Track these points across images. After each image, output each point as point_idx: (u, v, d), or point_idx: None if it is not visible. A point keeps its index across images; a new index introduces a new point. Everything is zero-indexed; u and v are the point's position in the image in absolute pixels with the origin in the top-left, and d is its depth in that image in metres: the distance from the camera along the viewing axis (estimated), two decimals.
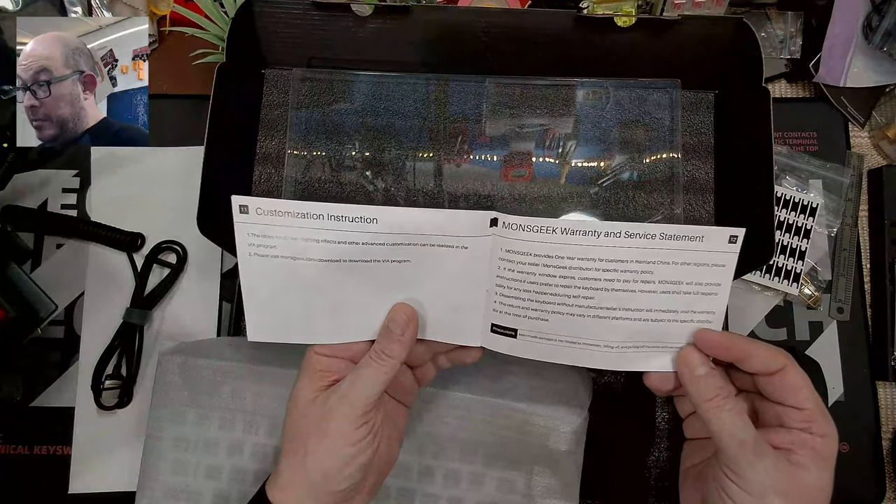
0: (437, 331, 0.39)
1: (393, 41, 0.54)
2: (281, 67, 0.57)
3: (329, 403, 0.36)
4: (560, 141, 0.55)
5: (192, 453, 0.47)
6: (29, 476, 0.53)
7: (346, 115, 0.55)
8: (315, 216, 0.36)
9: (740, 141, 0.52)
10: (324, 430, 0.35)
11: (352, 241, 0.36)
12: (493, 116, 0.55)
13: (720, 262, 0.36)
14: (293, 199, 0.54)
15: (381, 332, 0.37)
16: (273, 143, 0.56)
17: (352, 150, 0.55)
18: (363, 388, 0.35)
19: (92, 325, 0.55)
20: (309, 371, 0.37)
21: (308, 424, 0.36)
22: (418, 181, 0.55)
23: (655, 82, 0.55)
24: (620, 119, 0.55)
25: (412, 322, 0.37)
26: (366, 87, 0.56)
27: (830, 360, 0.55)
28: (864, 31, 0.57)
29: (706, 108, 0.56)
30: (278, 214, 0.36)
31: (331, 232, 0.36)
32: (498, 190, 0.55)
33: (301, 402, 0.36)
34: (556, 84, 0.55)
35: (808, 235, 0.56)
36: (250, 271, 0.37)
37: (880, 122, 0.59)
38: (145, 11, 0.60)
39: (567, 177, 0.55)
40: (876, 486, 0.53)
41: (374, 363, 0.36)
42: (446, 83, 0.56)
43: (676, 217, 0.54)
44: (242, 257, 0.37)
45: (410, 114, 0.55)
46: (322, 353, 0.37)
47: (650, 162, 0.55)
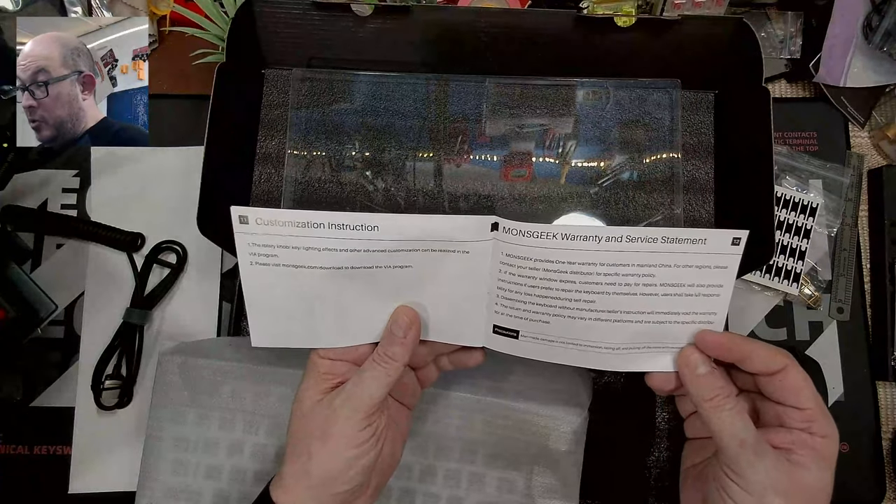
0: (440, 332, 0.39)
1: (393, 41, 0.54)
2: (281, 67, 0.57)
3: (333, 406, 0.36)
4: (560, 141, 0.55)
5: (192, 453, 0.47)
6: (29, 476, 0.53)
7: (346, 115, 0.55)
8: (315, 225, 0.36)
9: (740, 141, 0.52)
10: (327, 432, 0.35)
11: (353, 248, 0.36)
12: (493, 116, 0.55)
13: (722, 263, 0.35)
14: (293, 199, 0.55)
15: (384, 334, 0.38)
16: (273, 143, 0.56)
17: (352, 150, 0.55)
18: (366, 390, 0.36)
19: (92, 325, 0.55)
20: (313, 374, 0.37)
21: (311, 427, 0.36)
22: (418, 181, 0.55)
23: (655, 82, 0.55)
24: (620, 119, 0.55)
25: (414, 324, 0.37)
26: (366, 87, 0.56)
27: (830, 360, 0.55)
28: (864, 31, 0.57)
29: (706, 108, 0.56)
30: (279, 224, 0.36)
31: (332, 240, 0.36)
32: (498, 190, 0.55)
33: (305, 404, 0.36)
34: (556, 84, 0.55)
35: (808, 235, 0.56)
36: (252, 280, 0.37)
37: (880, 122, 0.59)
38: (145, 11, 0.60)
39: (567, 177, 0.55)
40: (876, 486, 0.53)
41: (377, 366, 0.36)
42: (446, 83, 0.56)
43: (676, 217, 0.54)
44: (244, 266, 0.37)
45: (410, 114, 0.55)
46: (326, 356, 0.37)
47: (650, 162, 0.55)
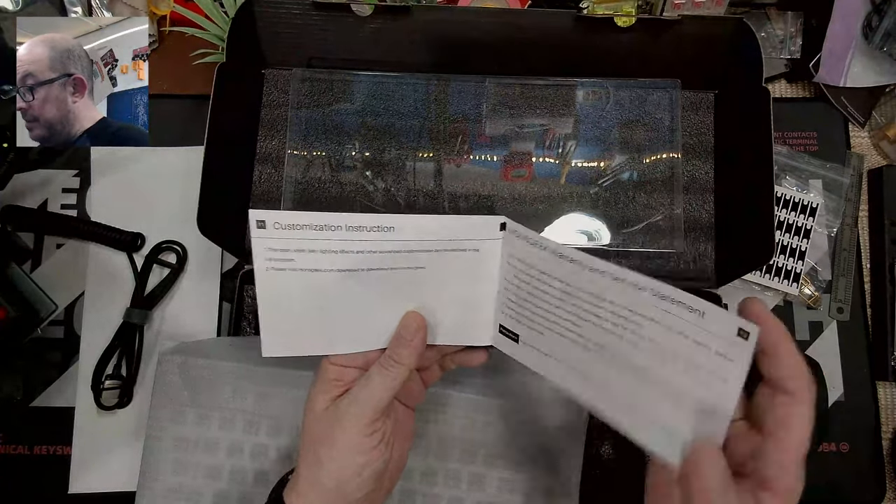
0: (449, 335, 0.39)
1: (393, 41, 0.54)
2: (281, 67, 0.57)
3: (339, 412, 0.36)
4: (560, 141, 0.55)
5: (191, 453, 0.47)
6: (29, 476, 0.53)
7: (346, 115, 0.55)
8: (333, 227, 0.35)
9: (740, 141, 0.52)
10: (335, 438, 0.35)
11: (369, 249, 0.36)
12: (493, 116, 0.55)
13: (726, 352, 0.29)
14: (293, 199, 0.55)
15: (393, 338, 0.37)
16: (273, 143, 0.56)
17: (352, 151, 0.55)
18: (373, 393, 0.36)
19: (92, 325, 0.55)
20: (322, 380, 0.37)
21: (320, 433, 0.36)
22: (418, 181, 0.55)
23: (655, 82, 0.55)
24: (620, 119, 0.55)
25: (422, 329, 0.37)
26: (366, 87, 0.56)
27: (830, 360, 0.55)
28: (864, 31, 0.57)
29: (706, 108, 0.56)
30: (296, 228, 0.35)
31: (349, 242, 0.36)
32: (498, 190, 0.55)
33: (315, 410, 0.37)
34: (556, 84, 0.55)
35: (808, 235, 0.56)
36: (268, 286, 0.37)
37: (880, 122, 0.59)
38: (145, 11, 0.60)
39: (567, 177, 0.55)
40: (876, 486, 0.53)
41: (383, 370, 0.36)
42: (446, 83, 0.56)
43: (676, 217, 0.54)
44: (260, 272, 0.36)
45: (410, 114, 0.55)
46: (336, 362, 0.37)
47: (650, 162, 0.55)
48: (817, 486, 0.53)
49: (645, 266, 0.54)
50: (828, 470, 0.53)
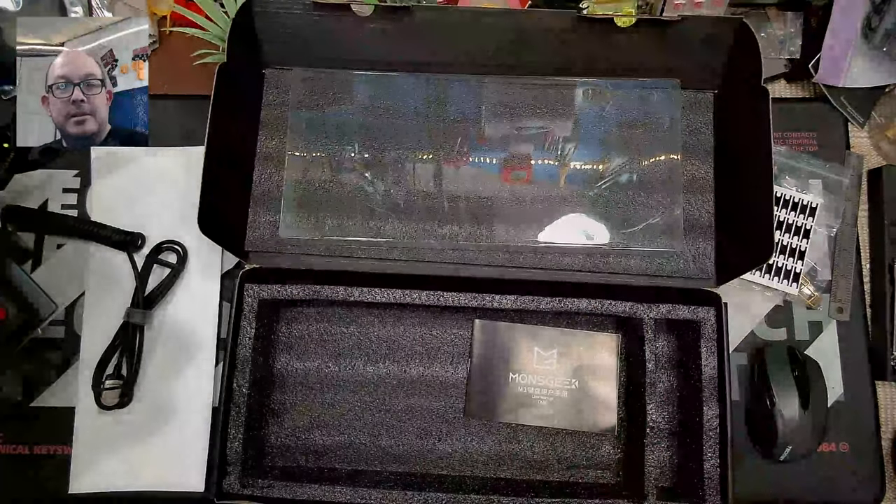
0: None
1: (393, 41, 0.54)
2: (281, 67, 0.57)
3: None
4: (559, 142, 0.55)
5: None
6: (29, 476, 0.53)
7: (346, 115, 0.55)
8: None
9: (740, 141, 0.52)
10: None
11: None
12: (492, 118, 0.55)
13: None
14: (293, 199, 0.54)
15: None
16: (273, 143, 0.56)
17: (351, 151, 0.55)
18: None
19: (92, 325, 0.55)
20: None
21: None
22: (418, 182, 0.55)
23: (655, 82, 0.55)
24: (620, 119, 0.55)
25: None
26: (366, 87, 0.56)
27: (830, 360, 0.55)
28: (864, 31, 0.57)
29: (706, 108, 0.56)
30: None
31: None
32: (497, 192, 0.55)
33: None
34: (556, 84, 0.55)
35: (807, 235, 0.56)
36: None
37: (880, 122, 0.59)
38: (145, 11, 0.60)
39: (566, 178, 0.55)
40: (876, 486, 0.53)
41: None
42: (446, 83, 0.56)
43: (676, 217, 0.54)
44: None
45: (410, 114, 0.55)
46: None
47: (650, 162, 0.55)
48: (817, 486, 0.53)
49: (645, 266, 0.54)
50: (828, 470, 0.53)
